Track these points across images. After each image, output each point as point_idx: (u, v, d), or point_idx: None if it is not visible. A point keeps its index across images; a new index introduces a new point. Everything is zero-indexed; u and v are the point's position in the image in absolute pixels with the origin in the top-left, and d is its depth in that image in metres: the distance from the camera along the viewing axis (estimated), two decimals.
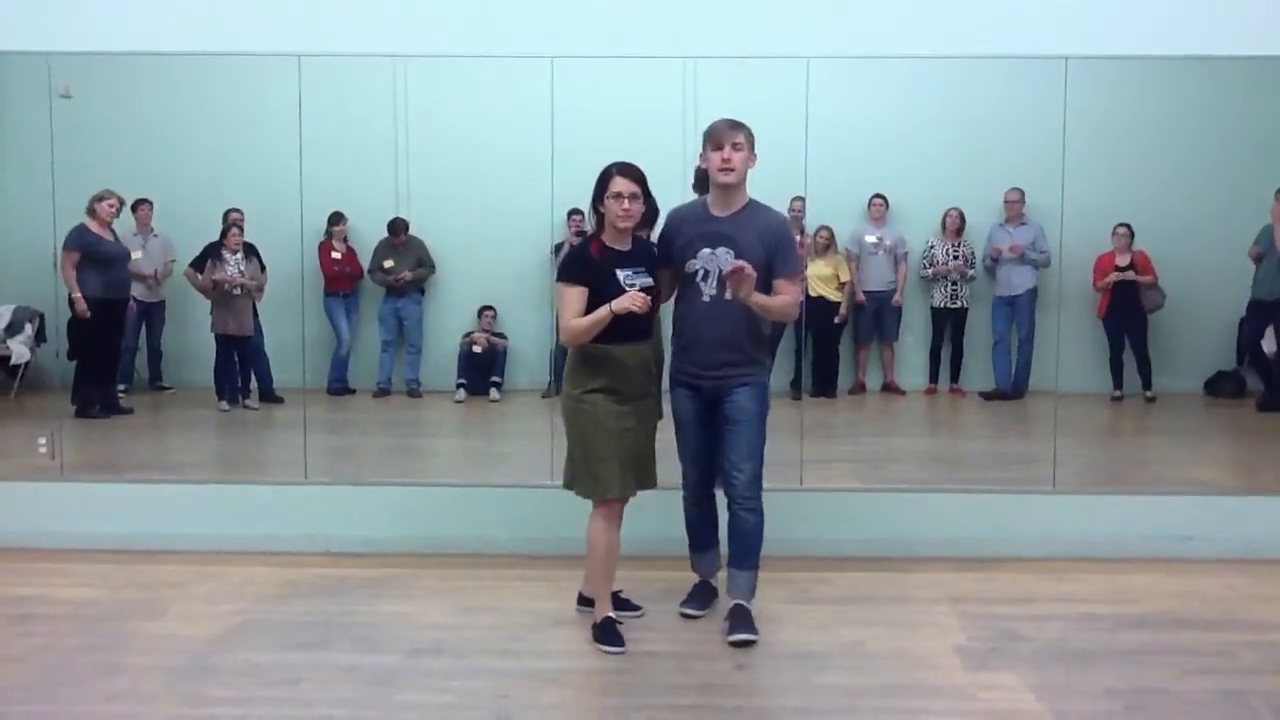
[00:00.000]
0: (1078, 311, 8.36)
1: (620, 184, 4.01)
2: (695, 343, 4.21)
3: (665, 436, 4.34)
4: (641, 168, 4.09)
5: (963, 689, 3.76)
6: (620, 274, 4.05)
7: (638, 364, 4.10)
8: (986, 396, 8.63)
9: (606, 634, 4.10)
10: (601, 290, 4.00)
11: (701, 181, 4.29)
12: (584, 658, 4.02)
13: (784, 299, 4.19)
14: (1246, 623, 4.42)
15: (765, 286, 4.13)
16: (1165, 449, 7.58)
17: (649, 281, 4.10)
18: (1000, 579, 4.91)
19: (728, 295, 4.08)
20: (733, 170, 4.11)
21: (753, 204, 4.23)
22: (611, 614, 4.17)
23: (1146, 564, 5.05)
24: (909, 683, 3.81)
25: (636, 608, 4.45)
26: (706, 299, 4.16)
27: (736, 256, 4.08)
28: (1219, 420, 8.28)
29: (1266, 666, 3.96)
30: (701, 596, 4.52)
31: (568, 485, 4.23)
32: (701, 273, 4.16)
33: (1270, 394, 8.07)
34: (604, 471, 4.06)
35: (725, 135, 4.11)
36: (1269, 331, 8.03)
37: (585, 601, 4.39)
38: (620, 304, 3.95)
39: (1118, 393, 8.52)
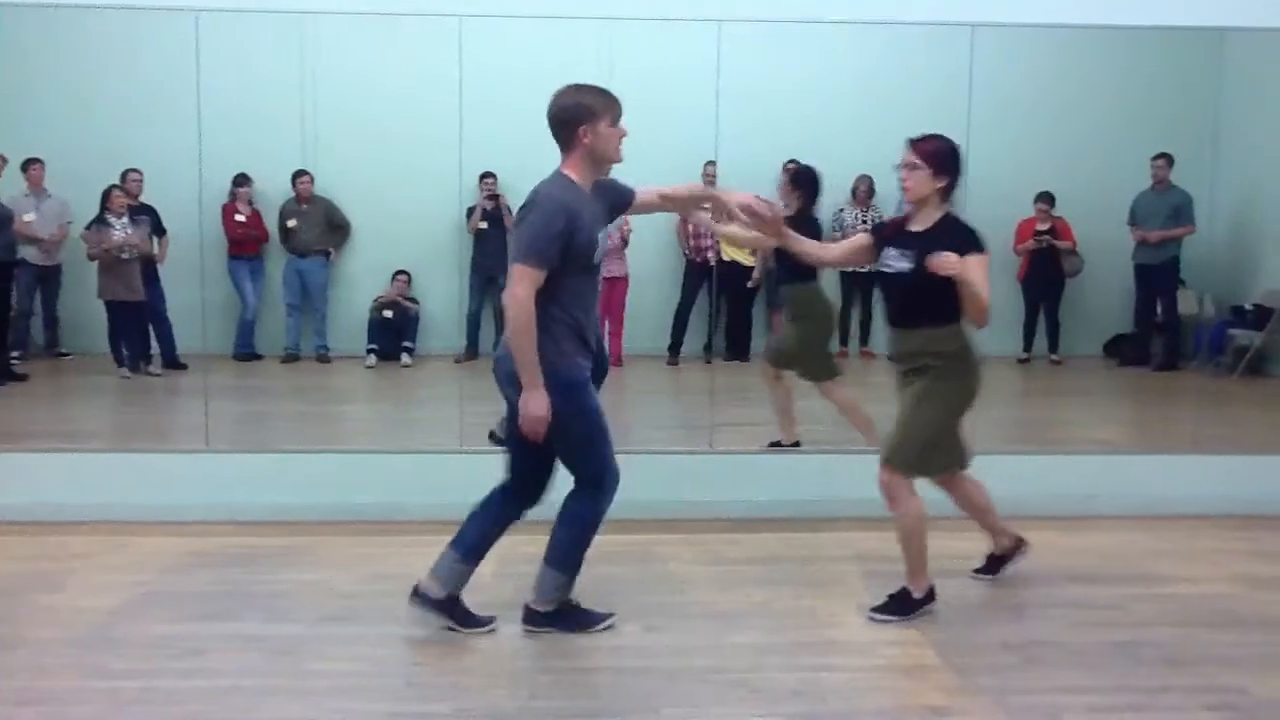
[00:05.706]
0: None
1: None
2: None
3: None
4: None
5: (866, 646, 3.84)
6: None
7: None
8: None
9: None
10: None
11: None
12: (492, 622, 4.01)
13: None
14: (1142, 577, 4.58)
15: None
16: (1070, 410, 7.79)
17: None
18: None
19: None
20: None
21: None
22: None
23: (1050, 522, 5.16)
24: (814, 640, 3.88)
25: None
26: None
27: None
28: (1121, 382, 8.52)
29: (1159, 619, 4.10)
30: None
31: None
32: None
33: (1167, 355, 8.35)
34: None
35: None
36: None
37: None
38: None
39: (1025, 355, 8.71)
